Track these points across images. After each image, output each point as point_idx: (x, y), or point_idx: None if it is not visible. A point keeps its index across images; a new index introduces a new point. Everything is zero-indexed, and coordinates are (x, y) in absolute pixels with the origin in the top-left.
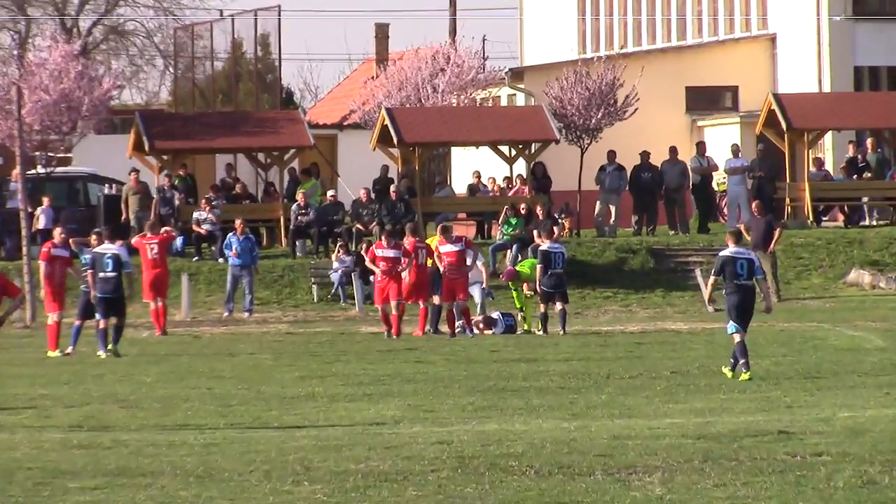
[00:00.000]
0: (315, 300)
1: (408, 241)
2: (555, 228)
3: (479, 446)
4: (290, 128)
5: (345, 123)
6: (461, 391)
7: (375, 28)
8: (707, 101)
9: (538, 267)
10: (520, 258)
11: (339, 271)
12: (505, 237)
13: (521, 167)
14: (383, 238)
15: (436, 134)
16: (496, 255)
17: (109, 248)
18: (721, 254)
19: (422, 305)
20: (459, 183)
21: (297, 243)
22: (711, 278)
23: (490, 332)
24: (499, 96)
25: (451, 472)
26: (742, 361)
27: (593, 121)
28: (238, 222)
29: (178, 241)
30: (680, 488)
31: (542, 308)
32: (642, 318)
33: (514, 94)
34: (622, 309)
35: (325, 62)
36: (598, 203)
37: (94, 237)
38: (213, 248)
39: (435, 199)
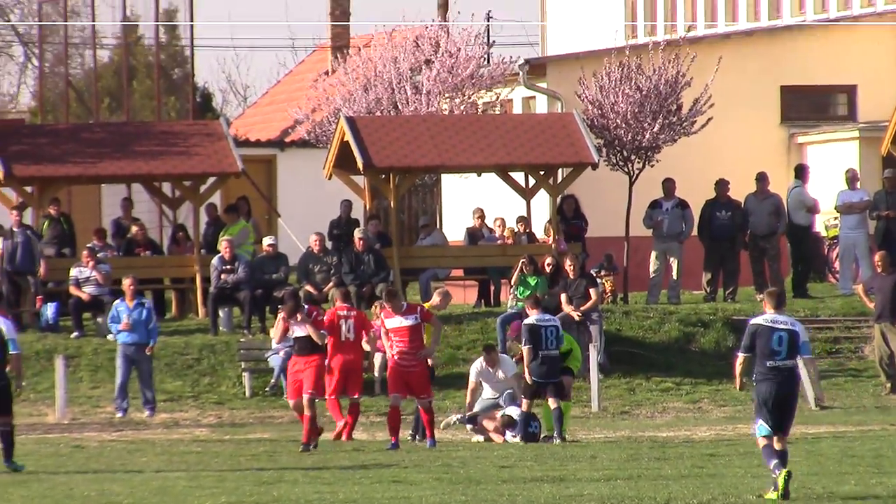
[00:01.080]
0: (247, 394)
1: (329, 312)
2: (591, 291)
3: None
4: (207, 146)
5: (287, 140)
6: None
7: (330, 2)
8: (811, 106)
9: (524, 349)
10: None
11: (282, 353)
12: (519, 305)
13: (542, 203)
14: (386, 304)
15: (419, 155)
16: (506, 329)
17: None
18: (752, 321)
19: (353, 400)
20: (454, 226)
21: (219, 313)
22: (740, 357)
23: (503, 438)
24: (510, 100)
25: None
26: (774, 462)
27: (647, 135)
28: (127, 282)
29: (50, 310)
30: None
31: (524, 406)
32: (717, 419)
33: (533, 97)
34: (688, 406)
35: (259, 51)
36: (652, 255)
37: None
38: (99, 319)
39: (419, 250)
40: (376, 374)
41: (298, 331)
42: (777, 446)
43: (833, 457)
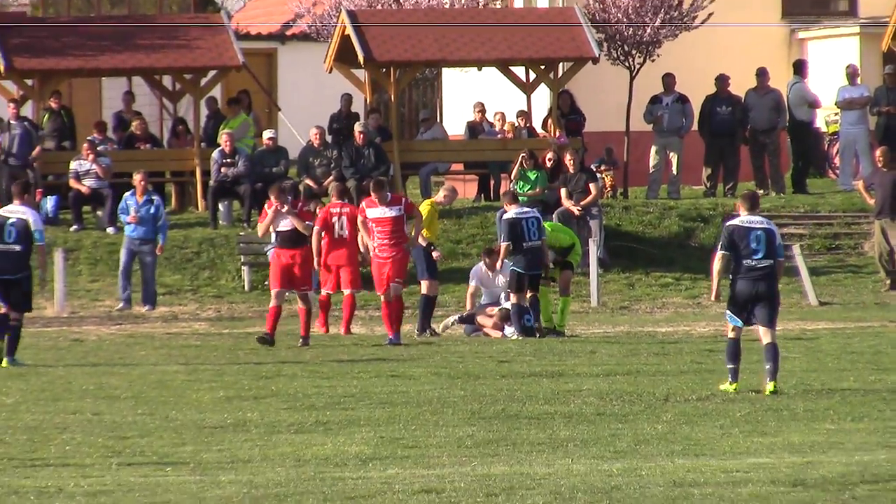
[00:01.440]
0: (246, 288)
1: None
2: (591, 186)
3: (482, 497)
4: (208, 39)
5: (288, 33)
6: (456, 419)
7: None
8: (812, 2)
9: (502, 245)
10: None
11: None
12: (520, 199)
13: (542, 98)
14: (372, 193)
15: (420, 49)
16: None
17: (15, 212)
18: (728, 223)
19: (347, 293)
20: (454, 120)
21: (219, 206)
22: (718, 255)
23: (501, 333)
24: None
25: None
26: (730, 367)
27: (648, 30)
28: (138, 177)
29: (51, 203)
30: None
31: (513, 299)
32: (716, 315)
33: None
34: (688, 301)
35: None
36: (652, 150)
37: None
38: (99, 212)
39: (419, 144)
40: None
41: (283, 224)
42: (766, 339)
43: (832, 353)
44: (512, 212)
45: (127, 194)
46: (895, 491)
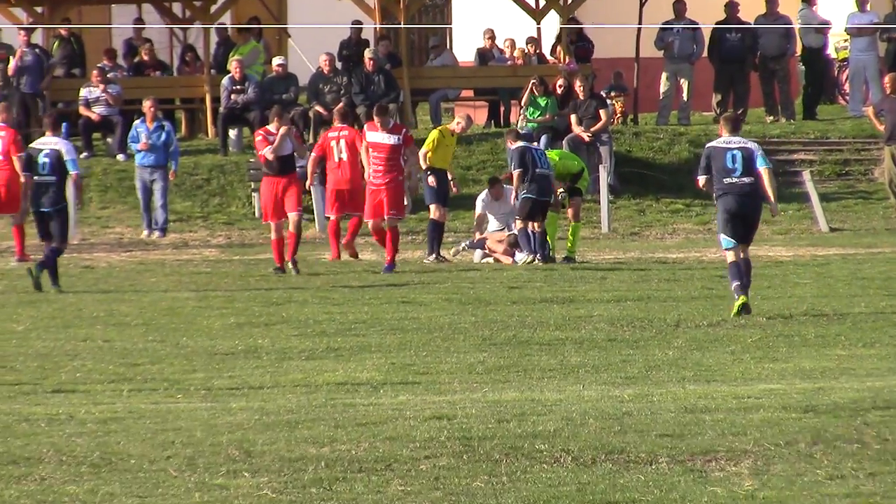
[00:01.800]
0: (256, 214)
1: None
2: (602, 112)
3: (494, 423)
4: None
5: None
6: (467, 345)
7: None
8: None
9: (514, 173)
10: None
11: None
12: (530, 125)
13: (550, 24)
14: (375, 118)
15: None
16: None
17: (48, 143)
18: (708, 145)
19: (358, 216)
20: (464, 47)
21: (229, 133)
22: (701, 180)
23: (512, 260)
24: None
25: (452, 458)
26: (735, 284)
27: None
28: (148, 104)
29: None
30: (779, 481)
31: (519, 224)
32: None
33: None
34: (698, 227)
35: None
36: (663, 76)
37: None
38: (108, 139)
39: (429, 70)
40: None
41: (284, 149)
42: (740, 255)
43: (843, 279)
44: (518, 143)
45: (137, 122)
46: None
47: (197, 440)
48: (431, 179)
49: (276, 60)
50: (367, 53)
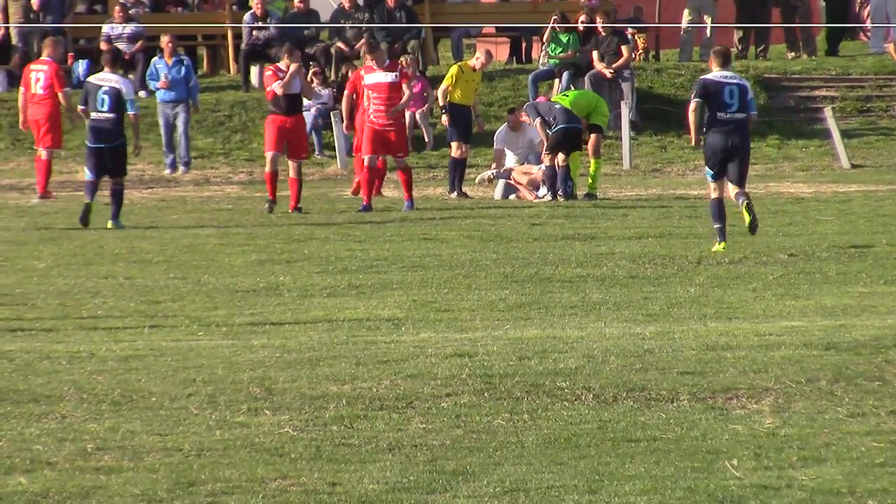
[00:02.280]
0: None
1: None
2: (623, 48)
3: (515, 360)
4: None
5: None
6: (488, 282)
7: None
8: None
9: (536, 122)
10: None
11: (313, 110)
12: (551, 61)
13: None
14: (368, 56)
15: None
16: (537, 86)
17: (107, 80)
18: (702, 77)
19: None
20: None
21: (251, 70)
22: (693, 104)
23: (535, 195)
24: None
25: (474, 396)
26: (717, 226)
27: None
28: (165, 40)
29: (82, 67)
30: (800, 419)
31: (547, 160)
32: (749, 178)
33: None
34: None
35: None
36: (685, 11)
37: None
38: (130, 75)
39: (450, 7)
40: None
41: (293, 87)
42: (735, 192)
43: (864, 216)
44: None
45: (155, 59)
46: None
47: (218, 378)
48: (445, 119)
49: None
50: None
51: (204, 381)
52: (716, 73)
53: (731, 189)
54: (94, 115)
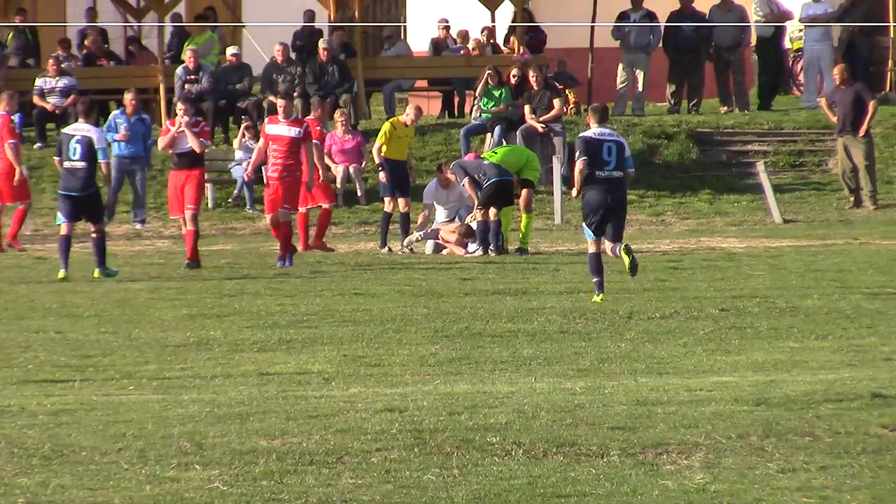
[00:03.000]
0: (210, 205)
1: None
2: (555, 102)
3: (445, 415)
4: None
5: None
6: (419, 337)
7: None
8: None
9: (465, 181)
10: (504, 146)
11: (245, 164)
12: (484, 116)
13: (502, 15)
14: (278, 106)
15: None
16: (469, 140)
17: (80, 129)
18: (581, 135)
19: (325, 206)
20: (419, 37)
21: None
22: (578, 164)
23: (464, 251)
24: None
25: (404, 451)
26: (595, 280)
27: None
28: (129, 96)
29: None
30: (730, 474)
31: (479, 216)
32: (680, 233)
33: None
34: (651, 219)
35: None
36: (620, 66)
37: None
38: (63, 129)
39: (383, 61)
40: (338, 185)
41: (182, 145)
42: (614, 247)
43: (796, 271)
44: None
45: (115, 112)
46: (859, 410)
47: (148, 432)
48: (383, 176)
49: (230, 50)
50: (322, 43)
51: (134, 435)
52: (594, 130)
53: (608, 244)
54: (66, 164)
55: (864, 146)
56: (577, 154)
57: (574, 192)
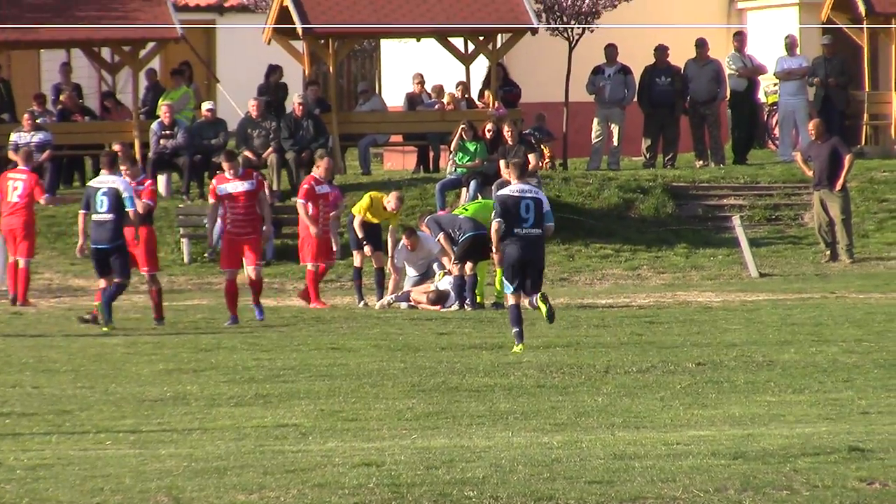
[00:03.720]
0: (186, 260)
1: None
2: (531, 157)
3: (422, 470)
4: (147, 11)
5: (226, 4)
6: (396, 391)
7: None
8: None
9: (440, 237)
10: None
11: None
12: (459, 170)
13: (477, 69)
14: (224, 165)
15: (359, 19)
16: (444, 195)
17: (106, 181)
18: (499, 193)
19: (309, 267)
20: (393, 92)
21: (159, 179)
22: (496, 223)
23: (439, 307)
24: None
25: None
26: (515, 330)
27: (587, 0)
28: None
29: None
30: None
31: (455, 270)
32: (656, 287)
33: None
34: (627, 273)
35: None
36: (594, 121)
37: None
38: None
39: (358, 116)
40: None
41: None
42: (534, 301)
43: (772, 325)
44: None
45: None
46: (836, 463)
47: (126, 487)
48: (368, 249)
49: (205, 105)
50: (296, 98)
51: (112, 490)
52: (513, 187)
53: (526, 297)
54: (94, 216)
55: (840, 200)
56: (494, 214)
57: (494, 251)
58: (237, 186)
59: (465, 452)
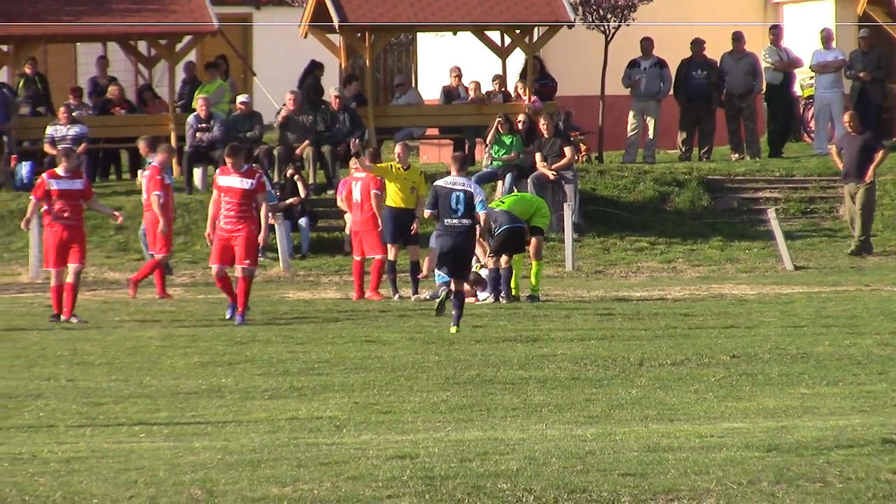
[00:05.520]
0: None
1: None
2: (567, 150)
3: (456, 462)
4: (184, 4)
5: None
6: (431, 384)
7: None
8: None
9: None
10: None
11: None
12: (495, 163)
13: (513, 62)
14: (227, 159)
15: (395, 13)
16: (480, 188)
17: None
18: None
19: (377, 258)
20: (430, 85)
21: (194, 172)
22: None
23: (475, 299)
24: None
25: (415, 498)
26: (455, 314)
27: None
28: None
29: (24, 170)
30: None
31: (490, 263)
32: (691, 280)
33: None
34: (662, 266)
35: None
36: (630, 114)
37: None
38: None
39: (395, 109)
40: (347, 231)
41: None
42: (454, 287)
43: (807, 317)
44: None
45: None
46: (869, 456)
47: (159, 480)
48: (414, 227)
49: (240, 98)
50: (333, 92)
51: (146, 482)
52: (447, 179)
53: (452, 284)
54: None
55: (865, 193)
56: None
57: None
58: (235, 182)
59: (498, 445)
